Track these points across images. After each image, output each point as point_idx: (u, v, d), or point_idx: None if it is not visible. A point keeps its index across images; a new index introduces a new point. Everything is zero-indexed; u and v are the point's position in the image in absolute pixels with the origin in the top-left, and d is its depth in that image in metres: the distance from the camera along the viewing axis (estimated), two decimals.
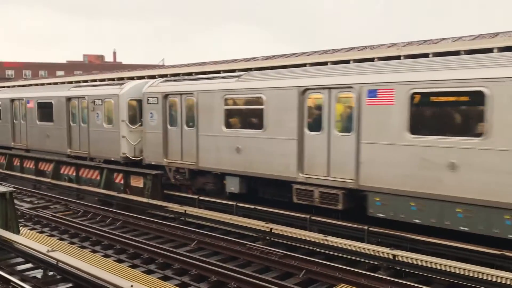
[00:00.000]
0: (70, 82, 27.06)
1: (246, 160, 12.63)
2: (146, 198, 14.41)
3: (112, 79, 23.69)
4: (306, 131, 11.42)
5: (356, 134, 10.45)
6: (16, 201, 12.18)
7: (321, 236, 10.41)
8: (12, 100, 22.30)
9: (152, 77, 22.12)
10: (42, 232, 12.29)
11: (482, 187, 8.77)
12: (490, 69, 8.80)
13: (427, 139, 9.43)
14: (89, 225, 12.57)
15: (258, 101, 12.37)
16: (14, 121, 22.28)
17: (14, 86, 31.74)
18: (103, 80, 24.84)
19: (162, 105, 14.86)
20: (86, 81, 26.29)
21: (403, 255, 9.09)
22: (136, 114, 16.37)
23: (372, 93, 10.24)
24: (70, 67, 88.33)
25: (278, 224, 11.60)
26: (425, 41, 15.09)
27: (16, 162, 20.95)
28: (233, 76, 13.84)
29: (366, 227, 10.42)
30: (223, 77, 14.20)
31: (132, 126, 16.34)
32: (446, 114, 9.36)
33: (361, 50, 15.57)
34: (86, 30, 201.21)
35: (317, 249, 10.33)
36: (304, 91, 11.39)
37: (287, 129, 11.65)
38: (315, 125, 11.26)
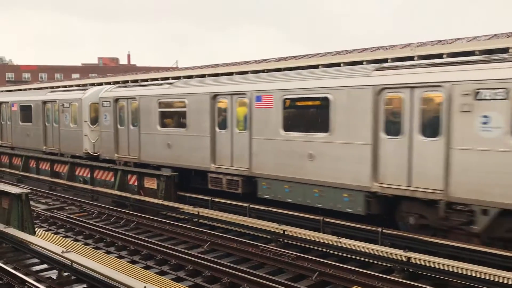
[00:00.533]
0: (85, 85, 27.44)
1: (175, 154, 15.14)
2: (160, 199, 14.49)
3: (117, 82, 24.74)
4: (217, 129, 13.88)
5: (249, 131, 12.82)
6: (32, 203, 12.37)
7: (334, 238, 10.36)
8: (0, 103, 25.05)
9: (166, 78, 22.26)
10: (57, 233, 12.42)
11: (330, 172, 11.18)
12: (334, 79, 11.38)
13: (295, 134, 11.89)
14: (103, 226, 12.68)
15: (183, 105, 14.83)
16: (1, 122, 25.08)
17: (11, 91, 33.51)
18: (117, 82, 25.13)
19: (113, 108, 17.29)
20: (100, 83, 26.58)
21: (417, 257, 8.99)
22: (96, 116, 18.67)
23: (259, 99, 12.75)
24: (85, 70, 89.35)
25: (291, 226, 11.57)
26: (439, 41, 14.94)
27: (32, 164, 21.22)
28: (168, 83, 16.41)
29: (380, 229, 10.34)
30: (160, 84, 16.84)
31: (92, 126, 18.86)
32: (306, 115, 12.09)
33: (374, 51, 15.48)
34: (101, 33, 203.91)
35: (330, 251, 10.28)
36: (214, 96, 13.86)
37: (203, 128, 14.10)
38: (223, 124, 13.73)
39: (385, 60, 14.43)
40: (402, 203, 10.36)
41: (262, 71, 18.03)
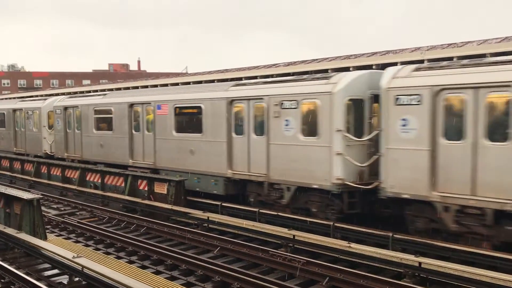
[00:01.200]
0: (96, 91, 27.70)
1: (105, 152, 18.63)
2: (170, 204, 14.52)
3: (128, 88, 25.40)
4: (133, 131, 17.34)
5: (153, 132, 16.40)
6: (43, 208, 12.47)
7: (344, 243, 10.30)
8: None
9: (175, 84, 22.38)
10: (68, 238, 12.50)
11: (205, 164, 14.56)
12: (204, 93, 15.09)
13: (182, 135, 15.34)
14: (113, 231, 12.73)
15: (110, 112, 18.32)
16: None
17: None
18: (127, 88, 25.34)
19: (63, 115, 20.92)
20: (111, 89, 26.78)
21: (429, 262, 8.90)
22: (53, 121, 22.06)
23: (159, 107, 16.21)
24: (95, 76, 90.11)
25: (301, 231, 11.53)
26: (449, 44, 14.85)
27: (44, 169, 21.41)
28: (102, 94, 20.20)
29: (390, 234, 10.27)
30: (97, 95, 20.70)
31: (49, 130, 22.61)
32: (189, 120, 15.41)
33: (384, 55, 15.42)
34: (112, 40, 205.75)
35: (341, 256, 10.22)
36: (131, 105, 17.39)
37: (125, 130, 17.52)
38: (137, 126, 17.26)
39: (394, 64, 14.38)
40: (247, 185, 13.77)
41: (272, 75, 18.07)
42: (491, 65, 9.45)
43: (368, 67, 15.02)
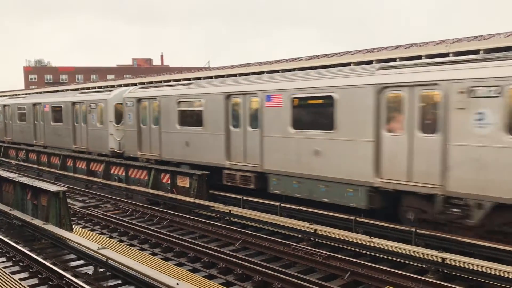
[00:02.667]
0: (120, 85, 28.11)
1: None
2: (192, 198, 14.66)
3: (151, 82, 24.99)
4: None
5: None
6: (69, 200, 12.72)
7: (366, 237, 10.23)
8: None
9: (198, 78, 22.51)
10: (93, 230, 12.74)
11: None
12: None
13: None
14: (137, 223, 12.92)
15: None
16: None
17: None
18: (151, 82, 25.56)
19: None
20: (134, 84, 27.10)
21: (452, 258, 8.78)
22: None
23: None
24: (119, 71, 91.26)
25: (323, 225, 11.50)
26: (476, 37, 14.53)
27: (69, 162, 21.84)
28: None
29: (413, 229, 10.16)
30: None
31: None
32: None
33: (408, 48, 15.19)
34: (136, 35, 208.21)
35: (363, 251, 10.16)
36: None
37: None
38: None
39: (418, 57, 14.16)
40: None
41: (293, 69, 18.01)
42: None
43: (392, 60, 14.83)
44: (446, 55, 13.34)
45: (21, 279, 8.39)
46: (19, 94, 35.92)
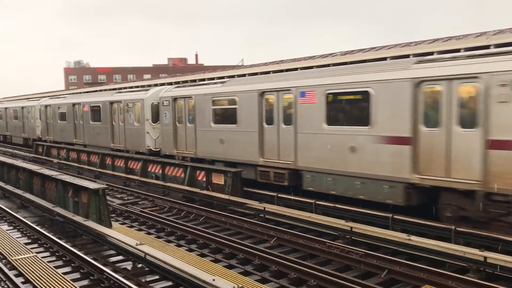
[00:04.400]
0: (156, 85, 28.60)
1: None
2: (227, 195, 14.77)
3: (186, 81, 25.35)
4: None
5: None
6: (108, 197, 13.07)
7: (404, 235, 10.04)
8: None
9: (231, 76, 22.63)
10: (131, 226, 13.02)
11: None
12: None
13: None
14: (174, 220, 13.12)
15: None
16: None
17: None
18: (186, 81, 25.87)
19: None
20: (170, 83, 27.51)
21: (495, 257, 8.50)
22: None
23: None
24: (155, 70, 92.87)
25: (358, 223, 11.36)
26: None
27: (108, 161, 22.41)
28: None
29: (453, 227, 9.90)
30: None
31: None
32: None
33: (446, 41, 14.78)
34: (172, 35, 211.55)
35: (400, 249, 9.98)
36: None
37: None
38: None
39: (457, 51, 13.76)
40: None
41: (328, 65, 17.83)
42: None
43: (429, 54, 14.46)
44: (487, 47, 12.90)
45: (64, 273, 8.67)
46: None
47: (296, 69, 18.99)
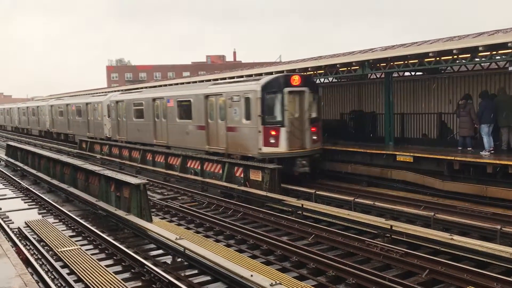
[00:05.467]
0: (195, 82, 28.98)
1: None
2: (264, 191, 14.80)
3: (224, 78, 25.28)
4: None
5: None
6: (148, 192, 13.33)
7: (446, 235, 9.77)
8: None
9: (270, 73, 22.60)
10: (171, 221, 13.25)
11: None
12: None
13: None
14: (212, 216, 13.27)
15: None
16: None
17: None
18: (224, 78, 26.10)
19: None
20: (208, 80, 27.78)
21: None
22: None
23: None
24: (194, 68, 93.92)
25: (398, 221, 11.14)
26: None
27: (149, 156, 22.89)
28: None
29: (498, 227, 9.56)
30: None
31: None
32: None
33: (492, 34, 14.21)
34: (213, 33, 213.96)
35: (442, 249, 9.72)
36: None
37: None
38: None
39: (504, 45, 13.24)
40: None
41: (368, 61, 17.54)
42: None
43: (473, 49, 13.97)
44: None
45: (107, 266, 8.94)
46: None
47: (335, 65, 18.82)
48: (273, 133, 16.67)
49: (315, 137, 17.50)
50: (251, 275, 7.36)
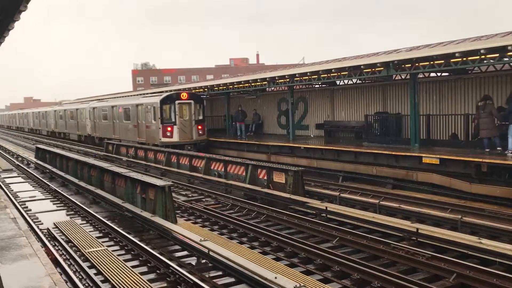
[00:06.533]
0: (219, 85, 29.21)
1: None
2: (288, 193, 14.77)
3: (247, 81, 26.23)
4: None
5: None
6: (173, 194, 13.47)
7: (474, 238, 9.58)
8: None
9: (293, 76, 22.60)
10: (195, 223, 13.34)
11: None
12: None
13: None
14: (236, 217, 13.30)
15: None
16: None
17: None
18: (247, 81, 26.23)
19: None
20: (232, 83, 27.97)
21: None
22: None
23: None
24: (217, 71, 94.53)
25: (425, 224, 10.97)
26: None
27: (174, 159, 23.12)
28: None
29: None
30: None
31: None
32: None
33: None
34: (235, 36, 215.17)
35: (470, 252, 9.53)
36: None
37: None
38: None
39: None
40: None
41: (392, 62, 17.36)
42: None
43: (502, 48, 13.67)
44: None
45: (133, 267, 9.07)
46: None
47: (359, 66, 18.69)
48: (168, 129, 26.78)
49: (200, 132, 27.69)
50: (275, 277, 7.37)
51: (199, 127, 27.37)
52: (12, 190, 19.29)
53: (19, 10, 7.21)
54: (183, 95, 27.22)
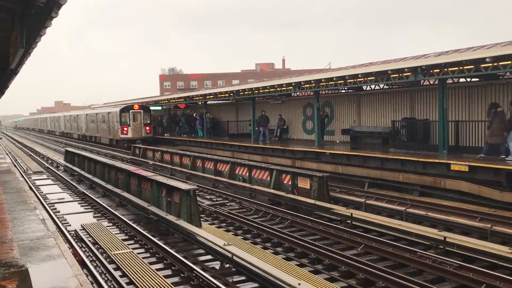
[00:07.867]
0: (244, 90, 29.31)
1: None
2: (313, 199, 14.67)
3: (273, 86, 26.48)
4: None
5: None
6: (198, 198, 13.56)
7: (505, 248, 9.30)
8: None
9: (318, 81, 22.50)
10: (219, 227, 13.37)
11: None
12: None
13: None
14: (260, 222, 13.27)
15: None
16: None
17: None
18: (273, 86, 26.28)
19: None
20: (258, 88, 28.02)
21: None
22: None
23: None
24: (243, 76, 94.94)
25: (453, 232, 10.72)
26: None
27: (199, 163, 23.28)
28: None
29: None
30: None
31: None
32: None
33: None
34: (262, 41, 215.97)
35: (500, 263, 9.26)
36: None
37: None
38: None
39: None
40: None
41: (420, 67, 17.11)
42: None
43: None
44: None
45: (157, 270, 9.15)
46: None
47: (386, 71, 18.46)
48: (125, 129, 39.99)
49: (148, 131, 40.74)
50: (299, 284, 7.32)
51: (147, 128, 40.76)
52: (42, 192, 19.78)
53: (50, 16, 7.38)
54: (135, 106, 40.94)
